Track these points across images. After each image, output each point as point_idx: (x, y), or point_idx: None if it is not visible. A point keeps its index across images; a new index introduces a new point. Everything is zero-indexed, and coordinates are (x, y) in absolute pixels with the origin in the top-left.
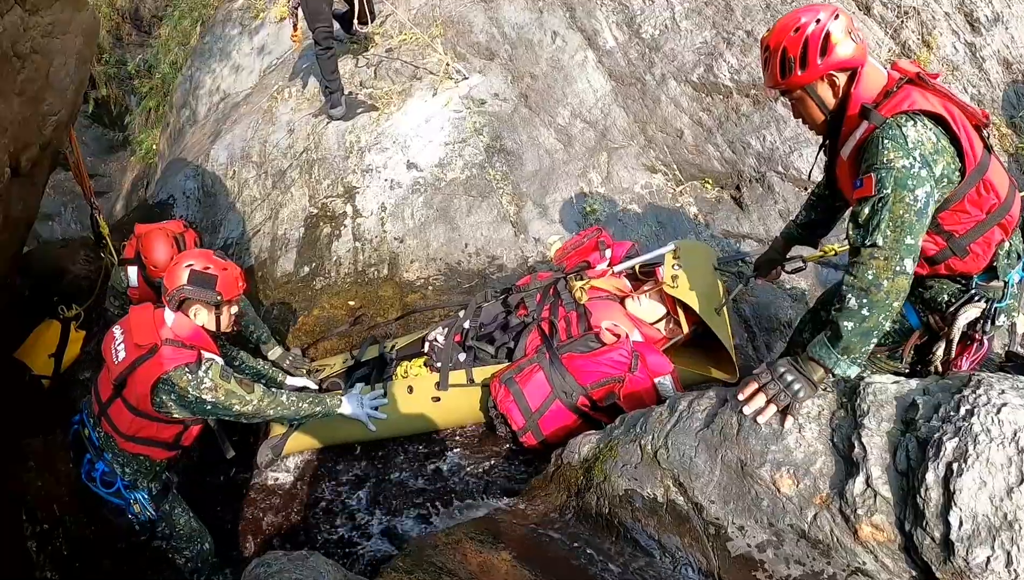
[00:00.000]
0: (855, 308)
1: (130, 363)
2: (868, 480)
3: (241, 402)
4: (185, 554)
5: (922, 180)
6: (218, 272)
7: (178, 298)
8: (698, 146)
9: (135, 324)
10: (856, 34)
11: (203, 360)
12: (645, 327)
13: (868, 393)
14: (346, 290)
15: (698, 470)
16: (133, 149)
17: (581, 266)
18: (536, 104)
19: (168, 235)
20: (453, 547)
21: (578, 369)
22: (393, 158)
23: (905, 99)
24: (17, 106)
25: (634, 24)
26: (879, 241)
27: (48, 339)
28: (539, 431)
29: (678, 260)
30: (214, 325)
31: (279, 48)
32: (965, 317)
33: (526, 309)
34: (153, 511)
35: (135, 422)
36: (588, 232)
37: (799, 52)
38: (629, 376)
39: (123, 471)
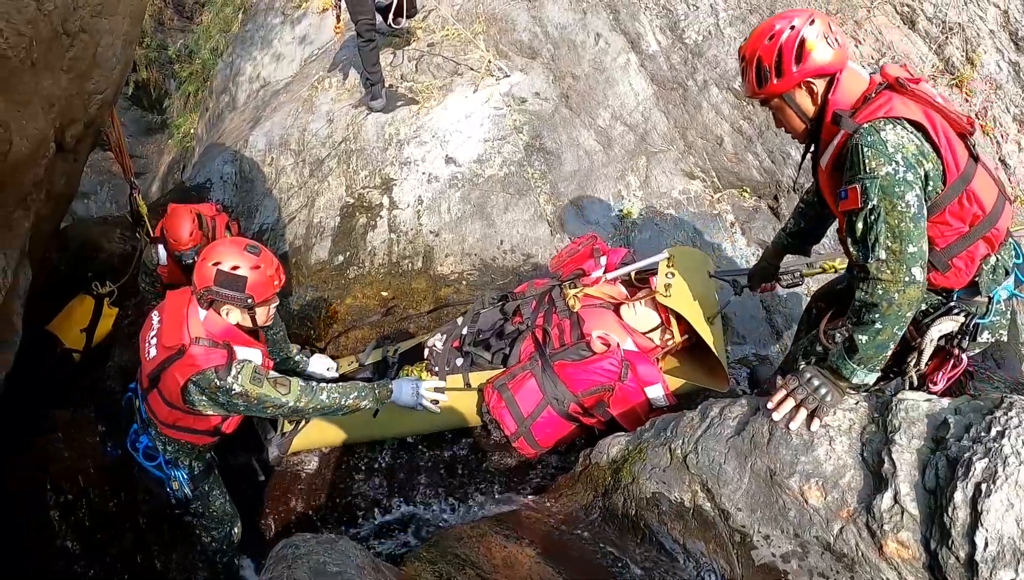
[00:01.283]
0: (868, 323)
1: (159, 363)
2: (896, 496)
3: (275, 405)
4: (213, 534)
5: (909, 184)
6: (248, 272)
7: (208, 297)
8: (737, 154)
9: (167, 317)
10: (834, 38)
11: (235, 361)
12: (638, 336)
13: (900, 409)
14: (379, 281)
15: (727, 477)
16: (171, 132)
17: (576, 273)
18: (577, 105)
19: (192, 213)
20: (477, 540)
21: (569, 377)
22: (432, 152)
23: (883, 105)
24: (65, 83)
25: (677, 29)
26: (882, 255)
27: (81, 314)
28: (531, 436)
29: (672, 268)
30: (249, 323)
31: (320, 38)
32: (938, 329)
33: (521, 316)
34: (190, 490)
35: (172, 413)
36: (583, 239)
37: (774, 60)
38: (619, 385)
39: (164, 449)
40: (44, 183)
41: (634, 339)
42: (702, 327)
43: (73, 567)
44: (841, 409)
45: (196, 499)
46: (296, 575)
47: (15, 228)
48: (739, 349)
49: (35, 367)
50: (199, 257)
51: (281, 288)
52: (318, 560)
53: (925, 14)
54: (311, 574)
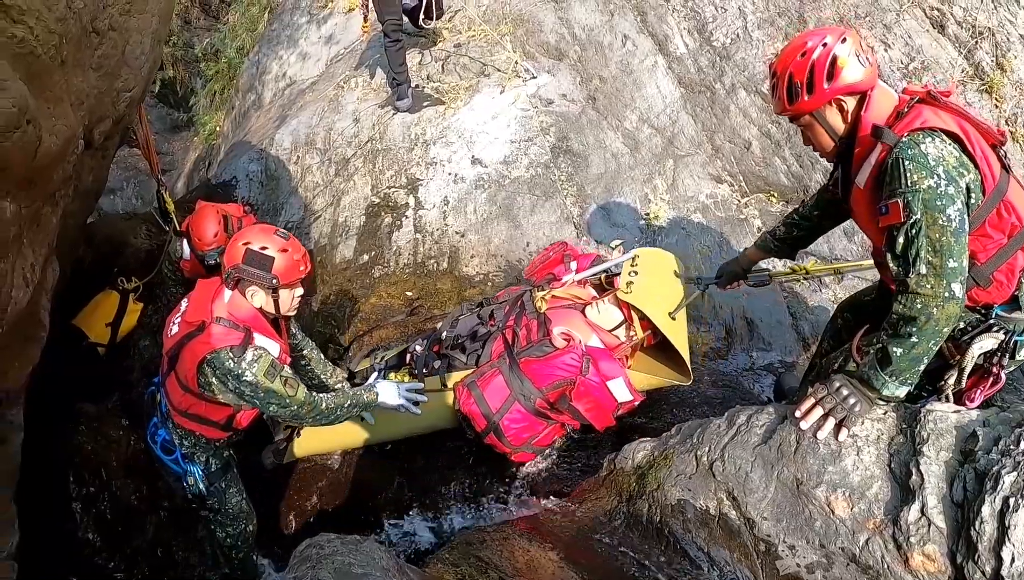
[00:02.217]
0: (905, 336)
1: (179, 339)
2: (923, 509)
3: (280, 404)
4: (228, 530)
5: (951, 197)
6: (276, 253)
7: (235, 277)
8: (765, 158)
9: (194, 299)
10: (865, 56)
11: (252, 346)
12: (603, 333)
13: (929, 421)
14: (404, 280)
15: (753, 485)
16: (196, 130)
17: (548, 278)
18: (604, 107)
19: (218, 214)
20: (500, 543)
21: (534, 372)
22: (458, 153)
23: (917, 117)
24: (94, 80)
25: (705, 31)
26: (922, 269)
27: (106, 308)
28: (500, 432)
29: (635, 267)
30: (272, 308)
31: (347, 38)
32: (979, 347)
33: (495, 320)
34: (205, 487)
35: (185, 398)
36: (554, 246)
37: (805, 77)
38: (580, 379)
39: (181, 442)
40: (72, 180)
41: (599, 336)
42: (661, 321)
43: (94, 559)
44: (869, 419)
45: (211, 495)
46: (320, 575)
47: (43, 224)
48: (765, 356)
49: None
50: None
51: (307, 275)
52: (343, 561)
53: (955, 18)
54: (336, 575)
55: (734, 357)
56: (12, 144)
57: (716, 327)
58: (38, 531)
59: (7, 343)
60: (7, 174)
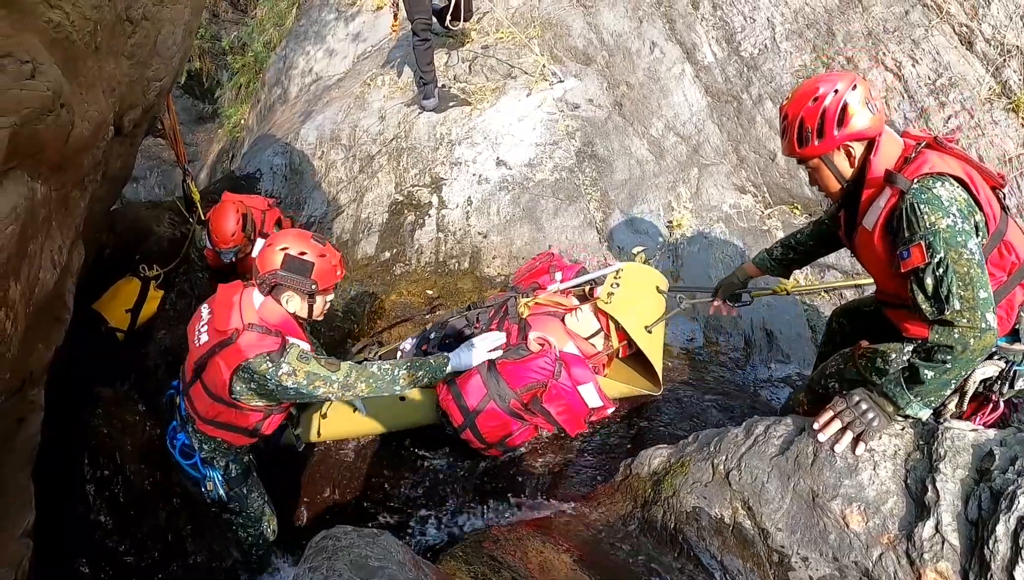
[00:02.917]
0: (939, 362)
1: (210, 348)
2: (938, 526)
3: (326, 382)
4: (249, 531)
5: (968, 233)
6: (315, 259)
7: (270, 282)
8: (790, 170)
9: (219, 305)
10: (874, 104)
11: (287, 349)
12: (580, 341)
13: (946, 438)
14: (425, 278)
15: (768, 495)
16: (221, 122)
17: (533, 287)
18: (630, 113)
19: (238, 213)
20: (514, 543)
21: (509, 374)
22: (483, 154)
23: (925, 163)
24: (126, 68)
25: (734, 41)
26: (957, 305)
27: (127, 295)
28: (476, 429)
29: (618, 280)
30: (306, 313)
31: (374, 36)
32: (981, 373)
33: (480, 323)
34: (224, 492)
35: (213, 407)
36: (542, 256)
37: (816, 123)
38: (552, 382)
39: (200, 447)
40: (101, 165)
41: (576, 343)
42: (636, 332)
43: (105, 541)
44: (887, 434)
45: (232, 500)
46: (336, 567)
47: (72, 207)
48: (783, 368)
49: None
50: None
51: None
52: (359, 553)
53: (983, 35)
54: (352, 567)
55: (753, 368)
56: (46, 127)
57: (735, 337)
58: (53, 511)
59: (33, 324)
60: (40, 157)
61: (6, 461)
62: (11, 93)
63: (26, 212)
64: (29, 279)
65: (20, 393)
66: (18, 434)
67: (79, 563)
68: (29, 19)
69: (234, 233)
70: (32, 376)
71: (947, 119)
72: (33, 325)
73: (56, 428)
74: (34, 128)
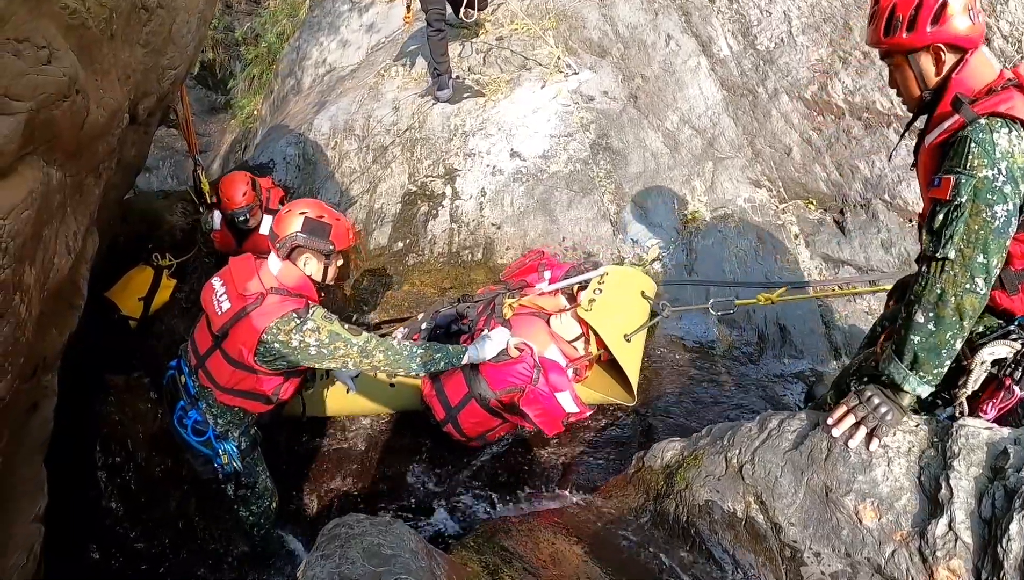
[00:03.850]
0: (922, 321)
1: (235, 313)
2: (951, 523)
3: (347, 344)
4: (252, 508)
5: (1004, 196)
6: (332, 222)
7: (290, 245)
8: (805, 165)
9: (237, 274)
10: (976, 14)
11: (310, 309)
12: (563, 344)
13: (960, 435)
14: (438, 269)
15: (782, 490)
16: (234, 112)
17: (520, 285)
18: (645, 106)
19: (247, 177)
20: (526, 534)
21: (490, 375)
22: (497, 145)
23: (1004, 101)
24: (141, 56)
25: (750, 34)
26: (950, 254)
27: (139, 283)
28: (457, 424)
29: (601, 285)
30: (321, 276)
31: (388, 27)
32: (990, 352)
33: (468, 319)
34: (239, 463)
35: (234, 374)
36: (531, 254)
37: (909, 12)
38: (530, 387)
39: (216, 422)
40: (116, 153)
41: (559, 346)
42: (614, 343)
43: (116, 528)
44: (901, 430)
45: (245, 473)
46: (349, 555)
47: (86, 194)
48: (796, 363)
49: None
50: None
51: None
52: (372, 541)
53: (1001, 32)
54: (364, 555)
55: (765, 363)
56: (61, 113)
57: (748, 332)
58: (64, 497)
59: (47, 309)
60: (55, 143)
61: (20, 446)
62: (27, 78)
63: (41, 197)
64: (44, 264)
65: (34, 378)
66: (32, 419)
67: (90, 548)
68: (46, 5)
69: (245, 192)
70: (45, 361)
71: None
72: (47, 310)
73: (68, 415)
74: (50, 113)
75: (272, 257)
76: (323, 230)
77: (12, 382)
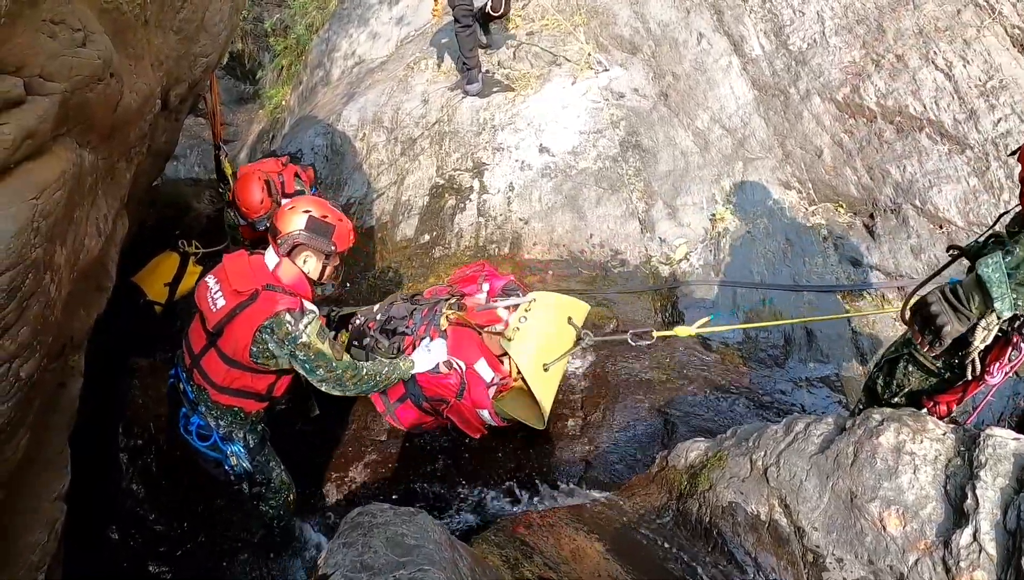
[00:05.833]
0: None
1: (230, 310)
2: (976, 534)
3: (327, 368)
4: (271, 503)
5: None
6: (335, 222)
7: (292, 242)
8: (836, 168)
9: (231, 271)
10: None
11: (305, 310)
12: (492, 358)
13: (987, 446)
14: (464, 262)
15: (806, 494)
16: (262, 103)
17: (459, 294)
18: (676, 104)
19: (260, 180)
20: (547, 529)
21: (424, 383)
22: (526, 140)
23: None
24: (174, 42)
25: (782, 34)
26: None
27: (166, 269)
28: (396, 418)
29: (528, 313)
30: (318, 274)
31: (417, 20)
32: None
33: (412, 321)
34: (249, 463)
35: (229, 373)
36: (474, 265)
37: None
38: (454, 401)
39: (217, 424)
40: (147, 138)
41: (488, 360)
42: (529, 373)
43: (136, 509)
44: (928, 438)
45: (257, 471)
46: (372, 543)
47: (117, 178)
48: (822, 368)
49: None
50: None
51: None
52: (396, 531)
53: None
54: (388, 544)
55: (791, 366)
56: (95, 95)
57: (775, 334)
58: (86, 477)
59: (77, 290)
60: (88, 125)
61: (47, 425)
62: (63, 59)
63: (73, 178)
64: (74, 245)
65: (61, 357)
66: (58, 398)
67: (109, 529)
68: None
69: (262, 200)
70: (73, 341)
71: (996, 122)
72: (76, 291)
73: (93, 396)
74: (84, 96)
75: (270, 252)
76: (326, 230)
77: (40, 361)
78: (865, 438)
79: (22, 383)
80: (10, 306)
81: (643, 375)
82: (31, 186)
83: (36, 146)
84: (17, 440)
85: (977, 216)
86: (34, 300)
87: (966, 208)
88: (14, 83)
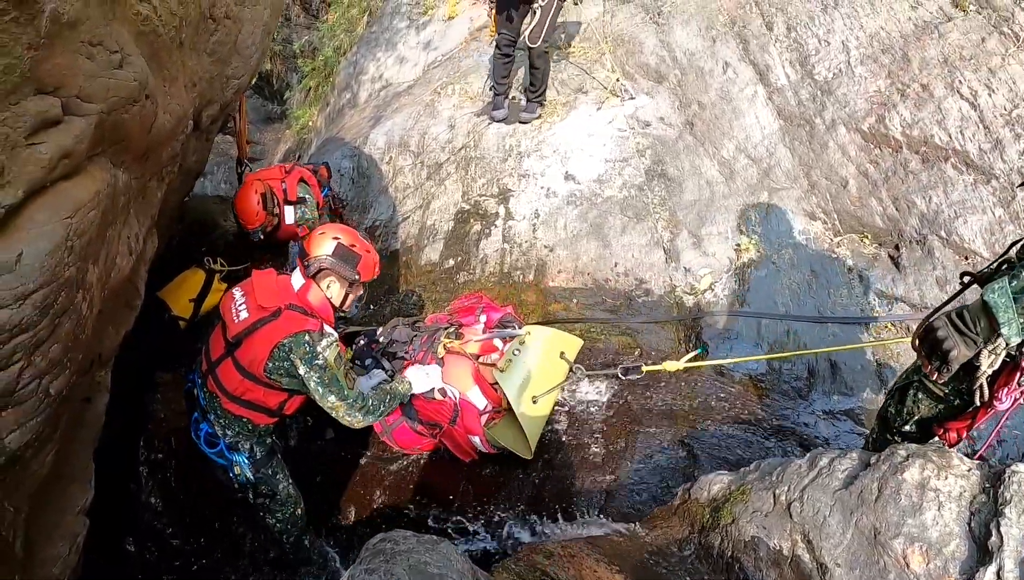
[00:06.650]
0: None
1: (251, 324)
2: (1000, 572)
3: (339, 395)
4: (277, 516)
5: None
6: (362, 253)
7: (318, 266)
8: (861, 198)
9: (259, 286)
10: None
11: (325, 333)
12: (485, 386)
13: (1013, 482)
14: (488, 289)
15: (830, 530)
16: (289, 123)
17: (457, 324)
18: (702, 133)
19: (257, 194)
20: (568, 559)
21: (419, 407)
22: (552, 167)
23: None
24: (207, 64)
25: (808, 64)
26: None
27: (191, 285)
28: (392, 438)
29: (522, 346)
30: (340, 301)
31: (444, 45)
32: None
33: (412, 346)
34: (252, 474)
35: (243, 383)
36: (471, 297)
37: None
38: (447, 426)
39: (224, 432)
40: (179, 158)
41: (481, 388)
42: (517, 402)
43: (154, 523)
44: (953, 474)
45: (261, 482)
46: (395, 571)
47: (149, 197)
48: (846, 401)
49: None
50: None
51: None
52: (419, 559)
53: None
54: (411, 572)
55: (815, 398)
56: (130, 116)
57: (799, 366)
58: (106, 489)
59: (107, 307)
60: (123, 145)
61: (73, 439)
62: (100, 81)
63: (107, 198)
64: (106, 264)
65: (89, 373)
66: (85, 413)
67: (127, 541)
68: (119, 10)
69: (257, 213)
70: (101, 358)
71: (1022, 152)
72: (106, 309)
73: (119, 411)
74: (120, 117)
75: (296, 274)
76: (352, 259)
77: (70, 377)
78: (890, 474)
79: (51, 399)
80: (43, 323)
81: (666, 406)
82: (66, 205)
83: (72, 166)
84: (44, 455)
85: (1003, 246)
86: (66, 318)
87: (991, 239)
88: (52, 103)
